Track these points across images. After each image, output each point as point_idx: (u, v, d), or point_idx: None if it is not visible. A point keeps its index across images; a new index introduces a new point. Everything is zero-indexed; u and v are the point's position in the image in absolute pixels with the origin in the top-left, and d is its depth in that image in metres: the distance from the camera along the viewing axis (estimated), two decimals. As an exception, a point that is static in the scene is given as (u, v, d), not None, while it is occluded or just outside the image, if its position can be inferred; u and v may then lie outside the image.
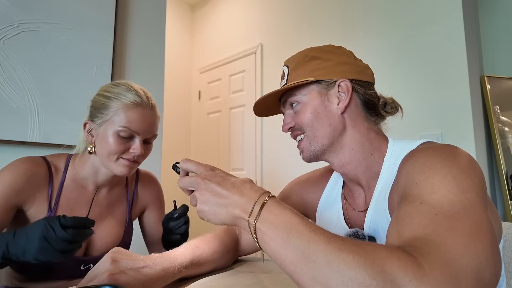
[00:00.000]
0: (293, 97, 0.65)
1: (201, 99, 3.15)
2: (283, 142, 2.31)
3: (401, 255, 0.33)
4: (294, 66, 0.65)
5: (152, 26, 1.71)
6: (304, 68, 0.63)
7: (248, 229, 0.41)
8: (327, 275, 0.33)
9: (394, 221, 0.42)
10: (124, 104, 0.75)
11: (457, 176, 0.42)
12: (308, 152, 0.64)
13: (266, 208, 0.41)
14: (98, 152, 0.78)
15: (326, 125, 0.62)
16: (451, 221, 0.37)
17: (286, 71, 0.66)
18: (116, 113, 0.74)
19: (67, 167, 0.81)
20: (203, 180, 0.45)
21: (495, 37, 1.90)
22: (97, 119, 0.77)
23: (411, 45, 1.75)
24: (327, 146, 0.62)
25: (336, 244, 0.34)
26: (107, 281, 0.44)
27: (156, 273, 0.50)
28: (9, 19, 1.21)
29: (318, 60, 0.64)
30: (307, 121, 0.62)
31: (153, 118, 0.79)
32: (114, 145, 0.74)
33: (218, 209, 0.43)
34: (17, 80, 1.22)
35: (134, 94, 0.76)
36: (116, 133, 0.74)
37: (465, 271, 0.32)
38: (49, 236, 0.56)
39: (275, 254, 0.38)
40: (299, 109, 0.64)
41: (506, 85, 1.81)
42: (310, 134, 0.63)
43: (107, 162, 0.77)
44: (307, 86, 0.63)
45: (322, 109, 0.62)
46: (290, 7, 2.41)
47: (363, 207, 0.64)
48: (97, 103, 0.78)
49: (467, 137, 1.54)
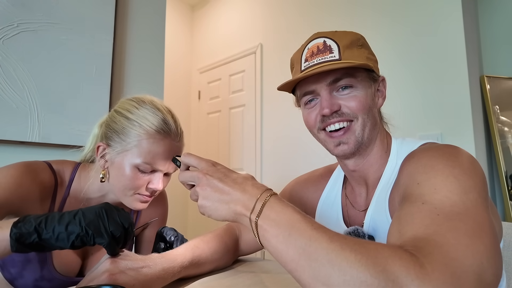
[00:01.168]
0: (352, 77, 0.57)
1: (201, 99, 3.15)
2: (282, 142, 2.31)
3: (403, 255, 0.33)
4: (347, 44, 0.58)
5: (152, 26, 1.71)
6: (359, 52, 0.58)
7: (250, 226, 0.41)
8: (329, 273, 0.33)
9: (395, 221, 0.42)
10: (149, 135, 0.64)
11: (459, 176, 0.42)
12: (356, 140, 0.58)
13: (268, 205, 0.40)
14: (112, 182, 0.68)
15: (373, 118, 0.60)
16: (453, 221, 0.37)
17: (335, 46, 0.57)
18: (139, 144, 0.64)
19: (72, 180, 0.72)
20: (205, 176, 0.45)
21: (494, 37, 1.90)
22: (116, 144, 0.66)
23: (411, 45, 1.75)
24: (370, 139, 0.60)
25: (338, 243, 0.34)
26: (106, 281, 0.44)
27: (155, 273, 0.50)
28: (9, 19, 1.21)
29: (366, 49, 0.60)
30: (365, 108, 0.58)
31: (179, 150, 0.68)
32: (132, 179, 0.64)
33: (220, 205, 0.43)
34: (17, 80, 1.22)
35: (161, 120, 0.65)
36: (136, 166, 0.64)
37: (466, 272, 0.32)
38: (110, 213, 0.47)
39: (276, 252, 0.38)
40: (355, 94, 0.58)
41: (505, 85, 1.81)
42: (362, 122, 0.58)
43: (120, 196, 0.68)
44: (363, 71, 0.59)
45: (372, 101, 0.60)
46: (290, 7, 2.41)
47: (364, 206, 0.64)
48: (117, 125, 0.67)
49: (466, 137, 1.55)
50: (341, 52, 0.57)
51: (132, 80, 1.60)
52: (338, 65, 0.54)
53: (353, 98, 0.57)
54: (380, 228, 0.57)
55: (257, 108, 2.56)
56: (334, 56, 0.57)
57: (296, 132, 2.22)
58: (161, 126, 0.65)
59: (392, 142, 0.62)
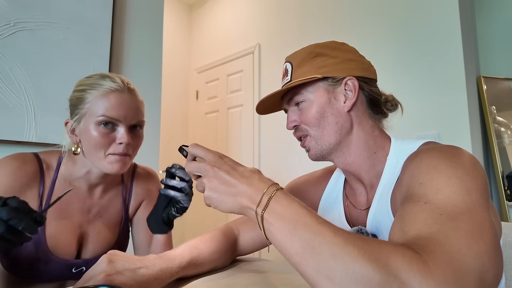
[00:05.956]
0: (298, 95, 0.63)
1: (198, 99, 3.15)
2: (280, 142, 2.31)
3: (406, 251, 0.33)
4: (298, 63, 0.63)
5: (150, 26, 1.70)
6: (309, 65, 0.62)
7: (255, 219, 0.42)
8: (332, 267, 0.33)
9: (398, 220, 0.43)
10: (99, 93, 0.70)
11: (462, 177, 0.43)
12: (315, 151, 0.62)
13: (274, 199, 0.41)
14: (85, 152, 0.73)
15: (333, 124, 0.61)
16: (455, 221, 0.37)
17: (289, 68, 0.64)
18: (92, 104, 0.70)
19: (59, 165, 0.77)
20: (212, 168, 0.45)
21: (491, 37, 1.91)
22: (77, 114, 0.72)
23: (408, 45, 1.75)
24: (334, 145, 0.62)
25: (342, 238, 0.35)
26: (103, 281, 0.44)
27: (153, 273, 0.50)
28: (6, 18, 1.21)
29: (324, 56, 0.62)
30: (314, 120, 0.61)
31: (133, 102, 0.73)
32: (97, 138, 0.69)
33: (226, 198, 0.44)
34: (13, 79, 1.21)
35: (109, 80, 0.72)
36: (97, 123, 0.69)
37: (468, 271, 0.33)
38: None
39: (281, 245, 0.38)
40: (305, 107, 0.62)
41: (502, 86, 1.83)
42: (316, 134, 0.62)
43: (96, 161, 0.72)
44: (313, 83, 0.62)
45: (329, 107, 0.61)
46: (288, 7, 2.41)
47: (365, 205, 0.64)
48: (73, 99, 0.74)
49: (463, 137, 1.55)
50: (293, 72, 0.63)
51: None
52: (279, 90, 0.62)
53: (303, 112, 0.63)
54: (383, 227, 0.57)
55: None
56: (288, 79, 0.63)
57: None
58: (109, 84, 0.71)
59: (392, 142, 0.63)
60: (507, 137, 1.75)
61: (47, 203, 0.73)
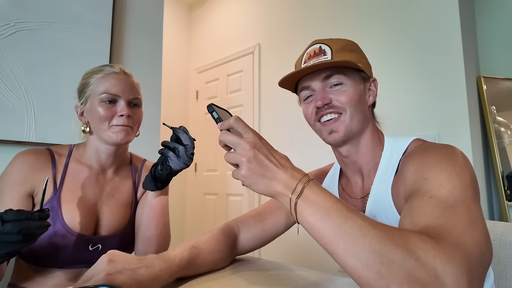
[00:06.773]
0: (342, 75, 0.66)
1: (198, 99, 3.15)
2: (280, 142, 2.31)
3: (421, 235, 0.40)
4: (339, 48, 0.66)
5: (150, 26, 1.70)
6: (349, 55, 0.66)
7: (288, 205, 0.46)
8: (360, 245, 0.39)
9: (407, 213, 0.48)
10: (100, 76, 0.83)
11: (460, 174, 0.50)
12: (346, 129, 0.66)
13: (308, 187, 0.45)
14: (93, 128, 0.83)
15: (362, 112, 0.67)
16: (457, 214, 0.44)
17: (328, 49, 0.66)
18: (95, 85, 0.82)
19: (70, 152, 0.87)
20: (253, 149, 0.46)
21: (491, 38, 1.91)
22: (83, 98, 0.83)
23: (408, 46, 1.75)
24: (359, 130, 0.68)
25: (369, 222, 0.41)
26: (103, 281, 0.44)
27: (153, 273, 0.50)
28: (6, 18, 1.21)
29: (358, 53, 0.69)
30: (354, 102, 0.66)
31: (129, 81, 0.85)
32: (102, 112, 0.80)
33: (262, 180, 0.46)
34: (13, 79, 1.21)
35: (108, 66, 0.85)
36: (100, 100, 0.81)
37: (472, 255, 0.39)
38: None
39: (313, 228, 0.43)
40: (345, 89, 0.66)
41: (502, 86, 1.83)
42: (352, 113, 0.66)
43: (102, 133, 0.81)
44: (353, 71, 0.67)
45: (362, 97, 0.68)
46: (287, 7, 2.41)
47: (361, 194, 0.70)
48: (80, 86, 0.86)
49: (463, 137, 1.55)
50: (333, 54, 0.66)
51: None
52: (328, 63, 0.63)
53: (342, 93, 0.66)
54: (381, 212, 0.63)
55: (255, 108, 2.56)
56: (327, 58, 0.66)
57: (294, 132, 2.23)
58: (108, 69, 0.84)
59: (385, 138, 0.70)
60: (507, 137, 1.75)
61: (60, 184, 0.81)
